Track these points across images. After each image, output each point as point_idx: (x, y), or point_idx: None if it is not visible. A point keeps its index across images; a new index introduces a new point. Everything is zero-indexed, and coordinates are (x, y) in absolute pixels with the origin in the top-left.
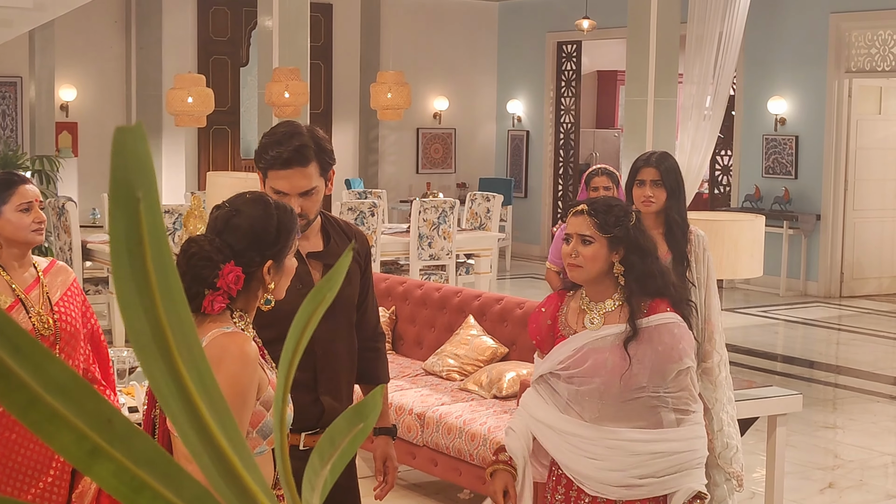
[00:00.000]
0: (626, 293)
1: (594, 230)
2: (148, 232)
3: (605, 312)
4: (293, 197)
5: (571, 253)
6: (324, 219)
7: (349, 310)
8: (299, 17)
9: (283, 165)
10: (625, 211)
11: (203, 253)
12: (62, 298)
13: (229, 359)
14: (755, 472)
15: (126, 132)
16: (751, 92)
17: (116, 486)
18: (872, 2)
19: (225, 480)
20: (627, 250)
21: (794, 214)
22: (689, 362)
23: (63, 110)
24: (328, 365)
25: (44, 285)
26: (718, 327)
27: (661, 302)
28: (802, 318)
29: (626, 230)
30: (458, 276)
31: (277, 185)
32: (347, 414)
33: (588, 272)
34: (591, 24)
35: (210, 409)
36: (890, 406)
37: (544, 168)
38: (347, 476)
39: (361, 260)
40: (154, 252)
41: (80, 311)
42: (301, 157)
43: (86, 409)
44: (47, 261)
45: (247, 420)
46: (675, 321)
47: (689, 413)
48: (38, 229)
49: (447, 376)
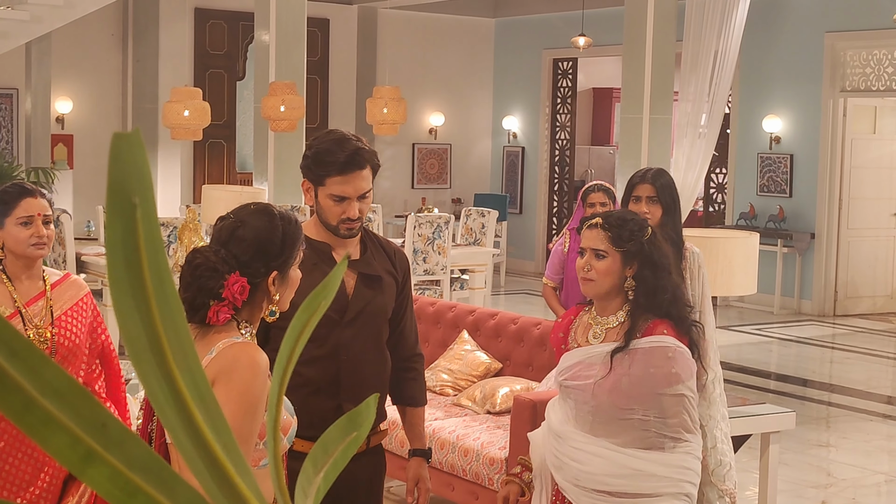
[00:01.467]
0: (631, 308)
1: (608, 244)
2: (144, 238)
3: (609, 328)
4: (353, 201)
5: (585, 267)
6: (363, 229)
7: (379, 320)
8: (296, 32)
9: (346, 169)
10: (640, 225)
11: (209, 264)
12: (66, 313)
13: (241, 369)
14: (748, 490)
15: (124, 138)
16: (746, 110)
17: (110, 491)
18: (867, 21)
19: (219, 486)
20: (641, 265)
21: (788, 233)
22: (683, 390)
23: (59, 122)
24: (353, 372)
25: (49, 299)
26: (713, 344)
27: (662, 323)
28: (796, 336)
29: (640, 245)
30: (452, 292)
31: (340, 189)
32: (341, 422)
33: (600, 286)
34: (587, 41)
35: (205, 415)
36: (883, 425)
37: (539, 184)
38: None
39: (399, 277)
40: (150, 258)
41: (88, 326)
42: (360, 159)
43: (81, 414)
44: (60, 274)
45: (256, 430)
46: (672, 345)
47: (681, 442)
48: (37, 244)
49: (441, 391)
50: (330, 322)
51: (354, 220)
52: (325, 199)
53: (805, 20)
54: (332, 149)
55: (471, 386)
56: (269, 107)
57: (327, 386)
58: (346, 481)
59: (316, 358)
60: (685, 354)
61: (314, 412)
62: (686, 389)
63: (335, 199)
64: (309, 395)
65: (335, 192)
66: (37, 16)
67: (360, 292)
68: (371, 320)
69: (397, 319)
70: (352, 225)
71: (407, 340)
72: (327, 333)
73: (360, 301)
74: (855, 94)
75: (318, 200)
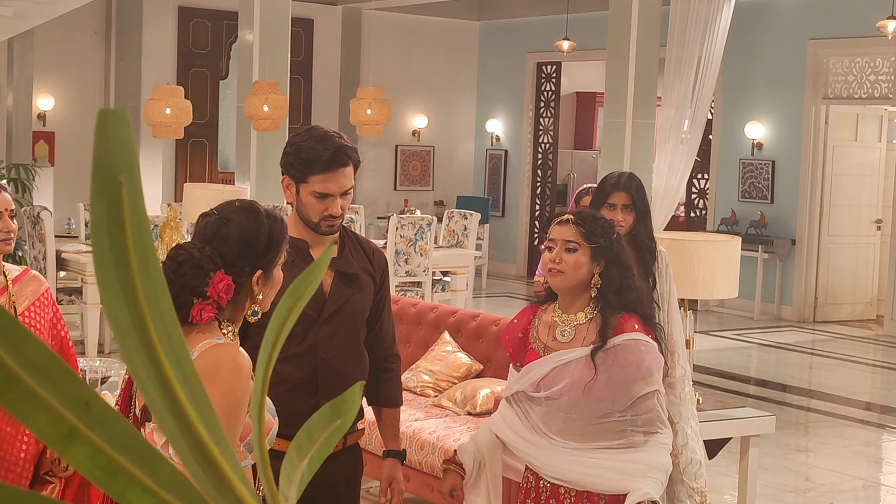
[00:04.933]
0: (600, 305)
1: (580, 238)
2: (129, 216)
3: (577, 325)
4: (336, 198)
5: (555, 259)
6: (342, 227)
7: (357, 319)
8: (280, 32)
9: (329, 167)
10: (609, 225)
11: (193, 261)
12: (29, 308)
13: (224, 371)
14: (727, 494)
15: (109, 115)
16: (728, 116)
17: (92, 470)
18: (850, 29)
19: (201, 465)
20: (609, 263)
21: (769, 239)
22: (655, 384)
23: (40, 119)
24: (331, 369)
25: (11, 294)
26: (680, 342)
27: (632, 318)
28: (776, 341)
29: (609, 242)
30: (433, 294)
31: (323, 187)
32: (325, 410)
33: (570, 279)
34: (570, 45)
35: (189, 395)
36: (861, 430)
37: (522, 187)
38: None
39: (377, 276)
40: (135, 237)
41: (50, 321)
42: (344, 156)
43: (63, 391)
44: (20, 269)
45: (238, 433)
46: (642, 339)
47: (655, 434)
48: (4, 238)
49: (421, 392)
50: (307, 319)
51: (336, 217)
52: (308, 196)
53: (788, 27)
54: (314, 146)
55: (451, 387)
56: (252, 106)
57: (305, 384)
58: (323, 481)
59: (294, 355)
60: (654, 348)
61: (292, 410)
62: (657, 384)
63: (318, 196)
64: (286, 393)
65: (318, 190)
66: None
67: (337, 290)
68: (348, 318)
69: (375, 319)
70: (333, 222)
71: (384, 340)
72: (305, 331)
73: (338, 299)
74: (837, 101)
75: (299, 197)
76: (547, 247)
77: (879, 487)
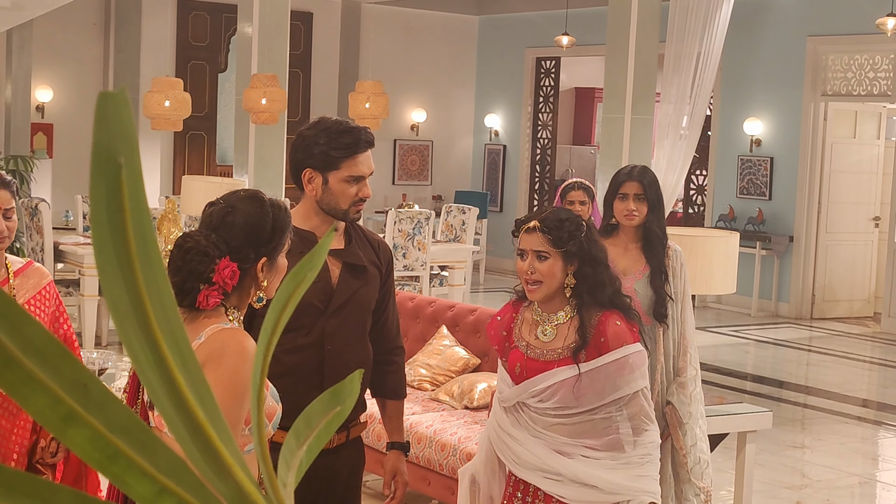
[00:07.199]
0: (577, 304)
1: (549, 246)
2: (129, 199)
3: (558, 324)
4: (366, 179)
5: (528, 269)
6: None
7: (363, 311)
8: (279, 25)
9: (359, 149)
10: (576, 224)
11: (199, 248)
12: (29, 301)
13: (230, 354)
14: (724, 490)
15: (110, 97)
16: (727, 112)
17: (91, 453)
18: (849, 26)
19: (200, 450)
20: (581, 263)
21: (767, 235)
22: (640, 381)
23: (39, 111)
24: (337, 361)
25: (11, 286)
26: (693, 342)
27: (612, 314)
28: (773, 338)
29: (579, 243)
30: (431, 288)
31: (357, 170)
32: (324, 396)
33: (548, 287)
34: (570, 40)
35: (187, 378)
36: (858, 427)
37: (520, 182)
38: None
39: (382, 268)
40: (134, 219)
41: (51, 316)
42: (370, 136)
43: (62, 373)
44: (23, 262)
45: (244, 416)
46: (630, 352)
47: (644, 432)
48: None
49: (419, 386)
50: (315, 311)
51: (366, 199)
52: (339, 182)
53: (787, 24)
54: (343, 132)
55: (449, 381)
56: (250, 99)
57: (311, 375)
58: (325, 474)
59: (300, 347)
60: (641, 353)
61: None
62: (642, 379)
63: (351, 181)
64: (292, 385)
65: (353, 173)
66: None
67: (345, 282)
68: (356, 310)
69: (380, 311)
70: (362, 206)
71: (389, 332)
72: (312, 322)
73: (346, 291)
74: (836, 98)
75: (327, 187)
76: (518, 254)
77: (875, 484)
